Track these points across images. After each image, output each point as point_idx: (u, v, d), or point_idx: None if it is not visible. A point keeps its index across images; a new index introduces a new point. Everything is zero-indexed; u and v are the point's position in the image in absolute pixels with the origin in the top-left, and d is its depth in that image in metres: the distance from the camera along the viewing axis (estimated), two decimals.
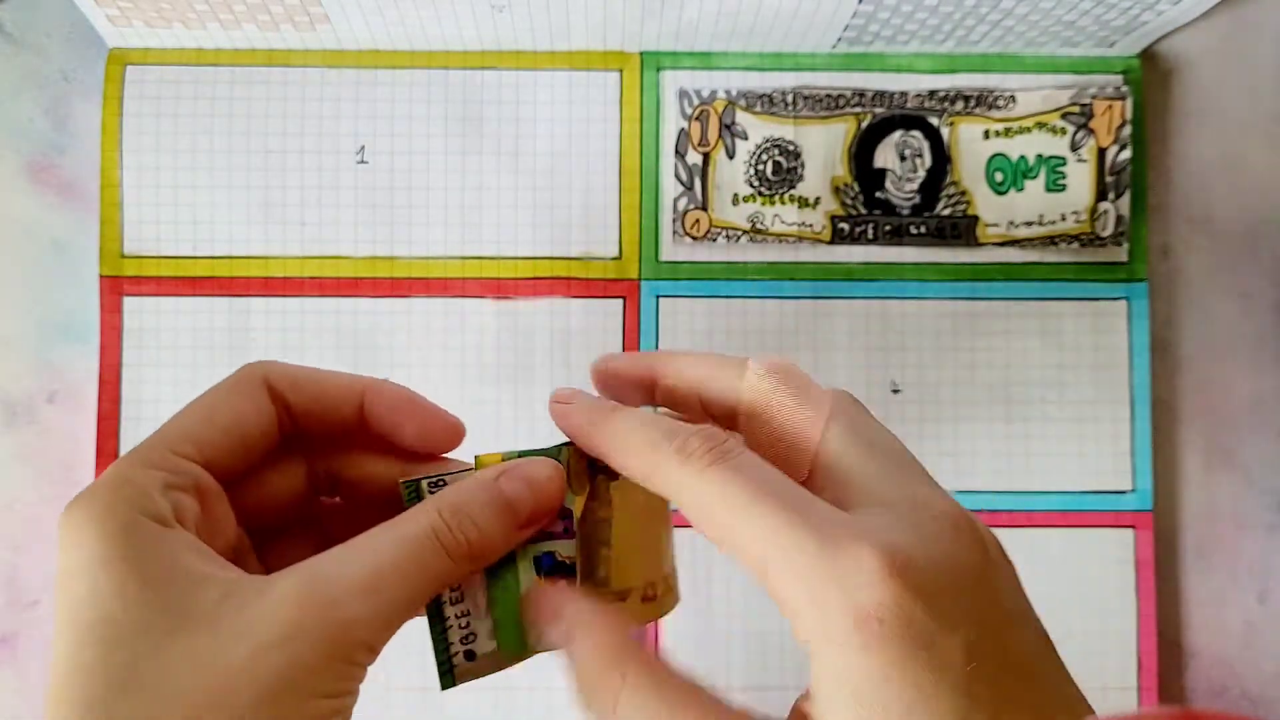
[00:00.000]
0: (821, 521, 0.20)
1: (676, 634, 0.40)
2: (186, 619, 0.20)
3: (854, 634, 0.19)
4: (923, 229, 0.42)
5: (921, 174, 0.42)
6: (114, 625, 0.20)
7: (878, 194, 0.42)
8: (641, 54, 0.42)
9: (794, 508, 0.20)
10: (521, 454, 0.25)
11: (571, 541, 0.25)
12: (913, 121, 0.42)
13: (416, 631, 0.42)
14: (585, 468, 0.25)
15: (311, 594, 0.21)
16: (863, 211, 0.42)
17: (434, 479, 0.24)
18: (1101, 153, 0.42)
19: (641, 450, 0.22)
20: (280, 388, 0.25)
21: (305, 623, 0.20)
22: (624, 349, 0.41)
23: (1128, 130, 0.42)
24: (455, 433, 0.26)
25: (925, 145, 0.42)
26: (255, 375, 0.25)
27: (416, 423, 0.26)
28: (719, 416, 0.25)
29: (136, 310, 0.40)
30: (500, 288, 0.41)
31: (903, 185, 0.42)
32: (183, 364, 0.40)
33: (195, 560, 0.21)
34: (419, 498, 0.24)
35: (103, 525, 0.21)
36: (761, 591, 0.19)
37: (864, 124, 0.42)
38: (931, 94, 0.42)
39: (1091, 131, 0.42)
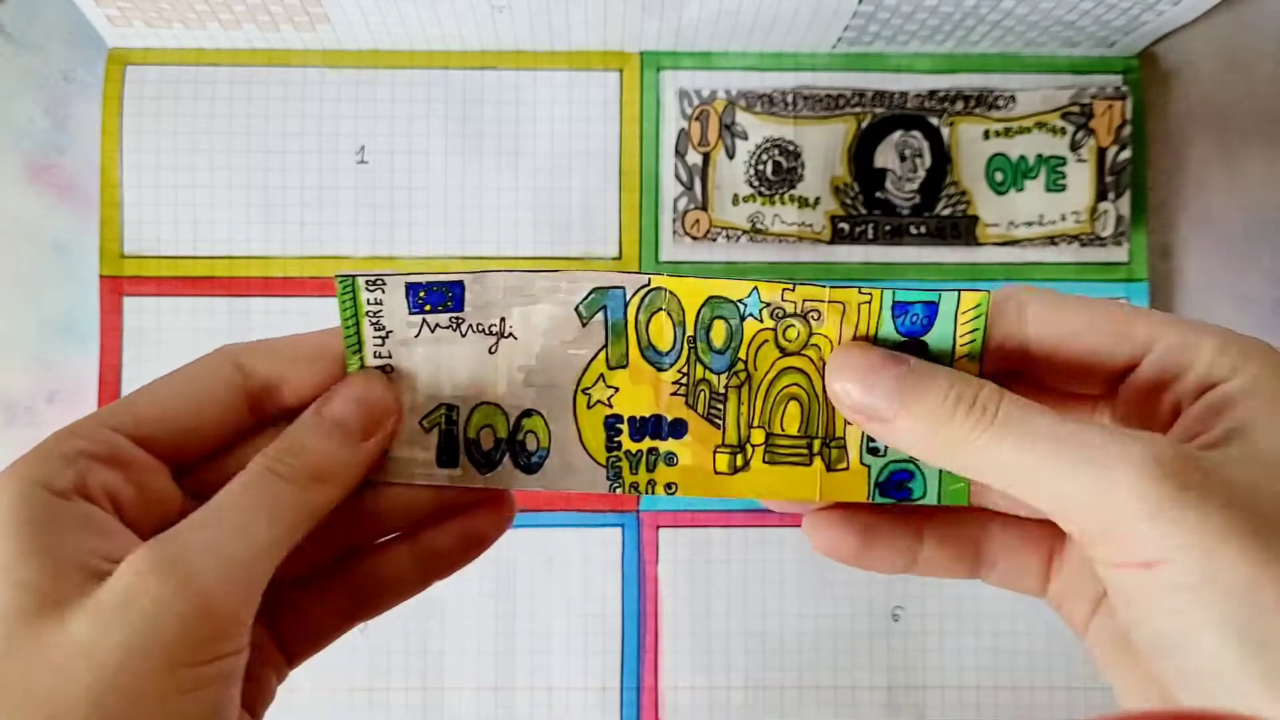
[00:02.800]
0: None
1: (677, 633, 0.40)
2: (45, 607, 0.20)
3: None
4: (923, 229, 0.42)
5: (921, 174, 0.42)
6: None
7: (878, 194, 0.42)
8: (641, 54, 0.42)
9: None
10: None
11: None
12: (913, 121, 0.42)
13: (417, 631, 0.42)
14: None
15: (155, 555, 0.20)
16: (863, 211, 0.42)
17: (371, 277, 0.24)
18: (1101, 153, 0.42)
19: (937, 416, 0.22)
20: (254, 366, 0.24)
21: (149, 588, 0.20)
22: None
23: (1128, 130, 0.42)
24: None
25: (925, 145, 0.42)
26: (224, 354, 0.24)
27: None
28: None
29: (136, 310, 0.40)
30: None
31: (903, 185, 0.42)
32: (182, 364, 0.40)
33: (75, 543, 0.20)
34: (353, 292, 0.24)
35: (4, 500, 0.21)
36: (761, 591, 0.19)
37: (864, 124, 0.42)
38: (931, 94, 0.42)
39: (1091, 131, 0.42)
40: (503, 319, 0.24)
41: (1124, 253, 0.42)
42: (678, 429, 0.25)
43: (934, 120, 0.42)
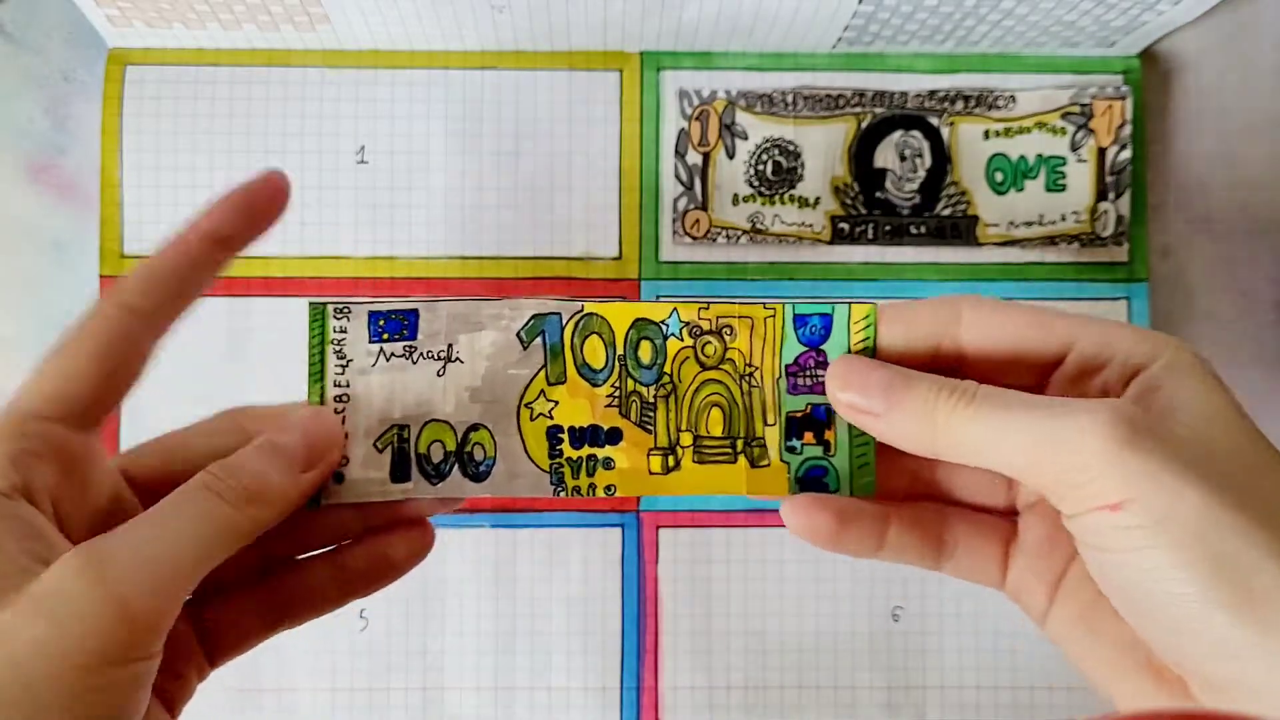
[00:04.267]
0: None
1: (677, 633, 0.40)
2: None
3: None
4: (923, 229, 0.42)
5: (921, 174, 0.42)
6: None
7: (878, 194, 0.42)
8: (641, 54, 0.42)
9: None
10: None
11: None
12: (913, 121, 0.42)
13: (417, 631, 0.42)
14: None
15: (85, 559, 0.21)
16: (863, 211, 0.42)
17: (340, 305, 0.26)
18: (1101, 153, 0.42)
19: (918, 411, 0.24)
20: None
21: (70, 587, 0.21)
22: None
23: (1128, 130, 0.42)
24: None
25: (925, 145, 0.42)
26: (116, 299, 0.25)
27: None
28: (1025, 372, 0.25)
29: None
30: (500, 288, 0.41)
31: (903, 185, 0.42)
32: (183, 364, 0.40)
33: (19, 539, 0.21)
34: (321, 320, 0.26)
35: None
36: (761, 591, 0.20)
37: (864, 124, 0.42)
38: (931, 94, 0.42)
39: (1091, 131, 0.42)
40: (450, 345, 0.27)
41: (1124, 253, 0.42)
42: (614, 436, 0.27)
43: (934, 120, 0.42)
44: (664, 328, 0.27)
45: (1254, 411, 0.24)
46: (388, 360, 0.27)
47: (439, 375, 0.27)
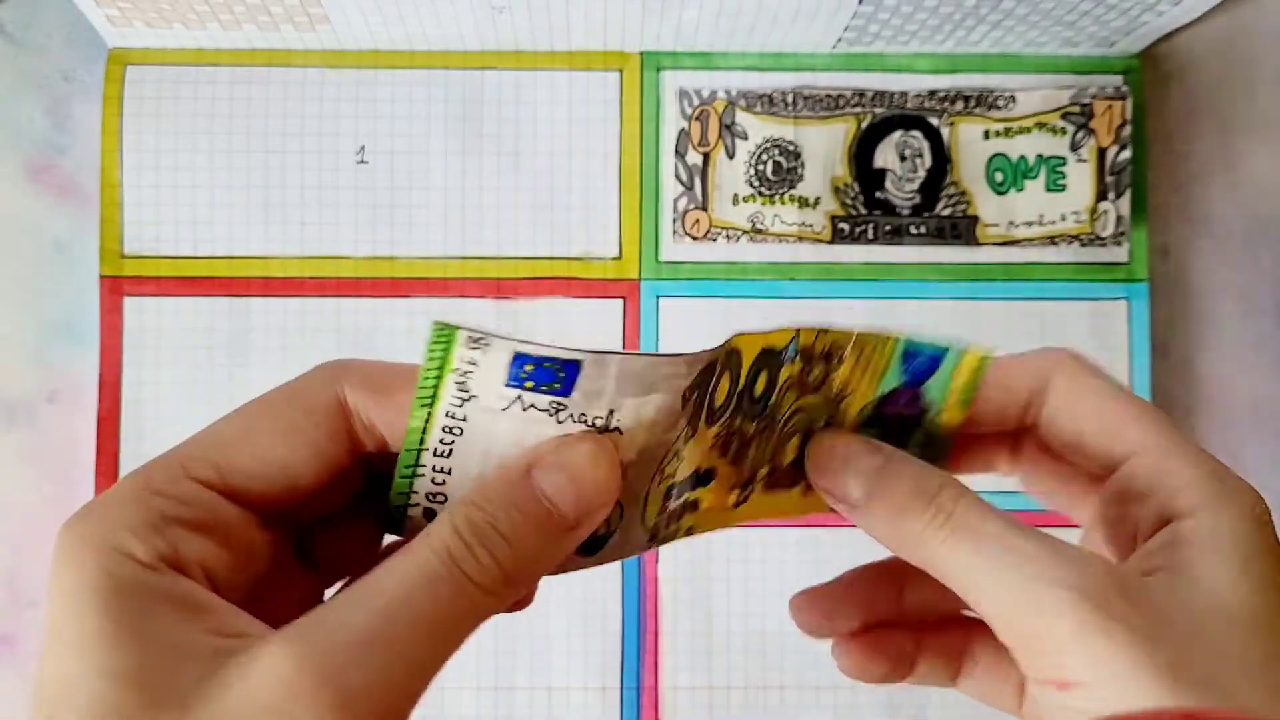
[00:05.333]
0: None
1: (676, 633, 0.40)
2: (159, 704, 0.17)
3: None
4: (923, 229, 0.42)
5: (921, 174, 0.42)
6: (83, 695, 0.17)
7: (878, 194, 0.42)
8: (641, 54, 0.42)
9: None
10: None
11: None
12: (913, 121, 0.42)
13: None
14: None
15: (302, 664, 0.17)
16: (863, 211, 0.42)
17: (477, 336, 0.19)
18: (1101, 153, 0.42)
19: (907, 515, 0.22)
20: (358, 402, 0.20)
21: (296, 705, 0.16)
22: (624, 349, 0.41)
23: (1128, 130, 0.42)
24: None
25: (925, 145, 0.42)
26: (324, 379, 0.20)
27: None
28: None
29: (136, 310, 0.40)
30: (500, 288, 0.41)
31: (903, 185, 0.42)
32: (183, 364, 0.40)
33: (176, 624, 0.17)
34: (447, 344, 0.20)
35: (83, 565, 0.17)
36: (761, 591, 0.19)
37: (864, 124, 0.42)
38: (931, 94, 0.42)
39: (1091, 131, 0.42)
40: (611, 412, 0.20)
41: (1124, 253, 0.42)
42: (707, 477, 0.24)
43: (934, 120, 0.42)
44: (783, 356, 0.23)
45: (1254, 414, 0.23)
46: (524, 410, 0.20)
47: None
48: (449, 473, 0.21)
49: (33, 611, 0.40)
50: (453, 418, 0.20)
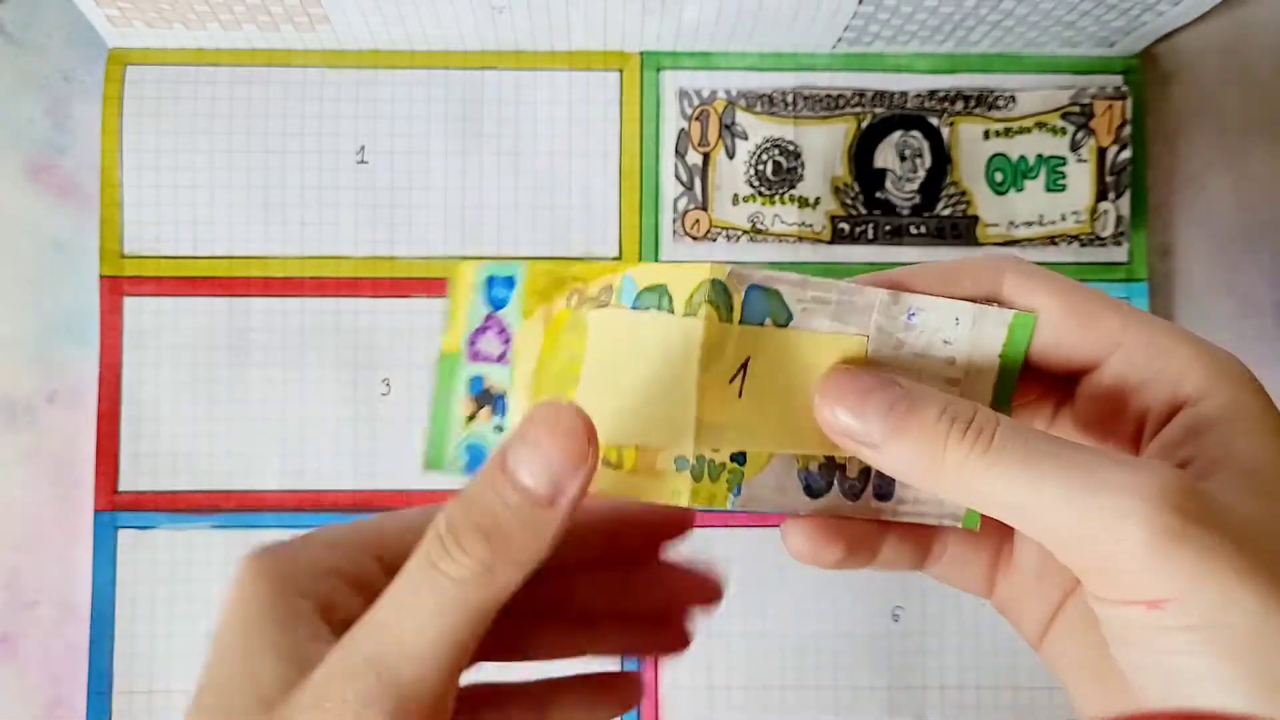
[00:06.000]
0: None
1: None
2: (276, 696, 0.19)
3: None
4: (923, 229, 0.42)
5: (921, 174, 0.42)
6: (227, 695, 0.20)
7: (878, 194, 0.42)
8: (641, 54, 0.42)
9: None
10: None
11: (505, 369, 0.23)
12: (913, 121, 0.42)
13: None
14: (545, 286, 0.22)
15: (347, 662, 0.19)
16: (863, 211, 0.42)
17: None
18: (1101, 153, 0.42)
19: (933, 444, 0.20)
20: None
21: (342, 692, 0.19)
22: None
23: (1128, 130, 0.42)
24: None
25: (925, 145, 0.42)
26: None
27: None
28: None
29: (136, 310, 0.40)
30: None
31: (903, 185, 0.42)
32: (183, 364, 0.40)
33: (311, 647, 0.20)
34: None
35: (256, 587, 0.21)
36: (761, 591, 0.19)
37: (864, 124, 0.42)
38: (931, 94, 0.42)
39: (1091, 131, 0.42)
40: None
41: (1124, 253, 0.42)
42: None
43: (934, 120, 0.42)
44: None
45: None
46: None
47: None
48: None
49: (33, 611, 0.40)
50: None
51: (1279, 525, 0.19)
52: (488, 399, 0.23)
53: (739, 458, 0.22)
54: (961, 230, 0.42)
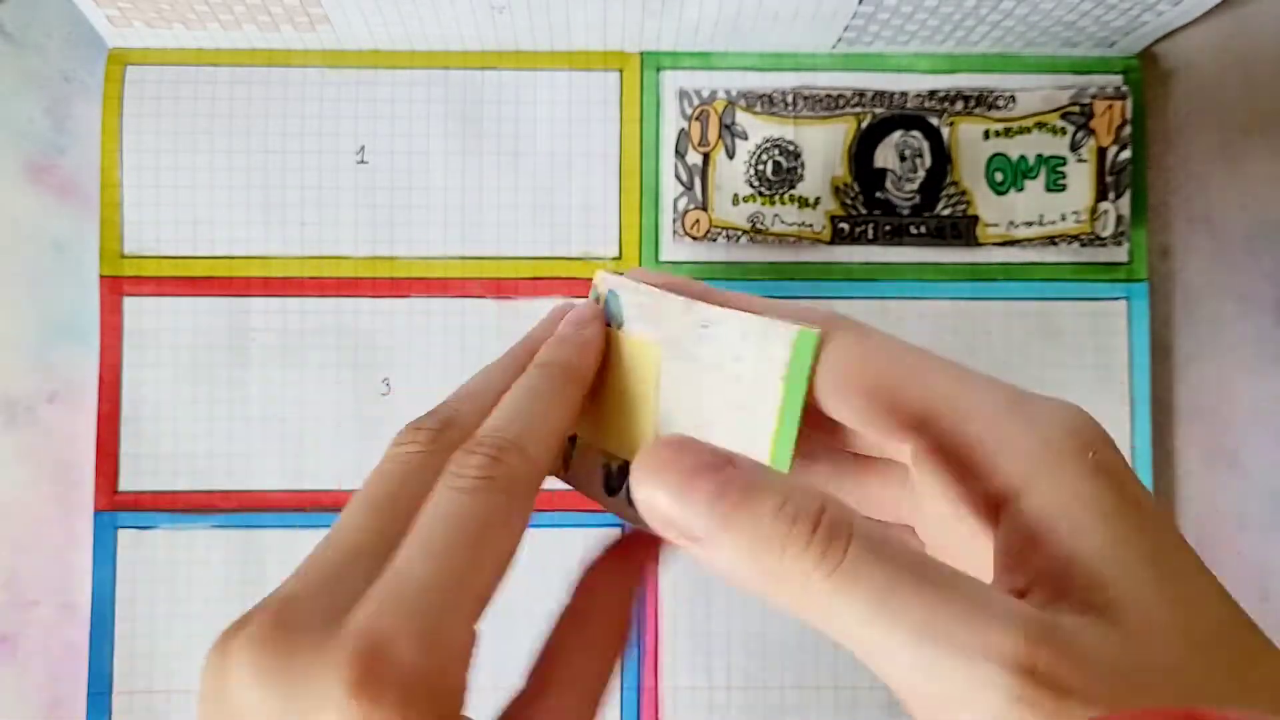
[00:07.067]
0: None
1: (676, 633, 0.40)
2: None
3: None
4: (923, 229, 0.42)
5: (921, 174, 0.42)
6: None
7: (878, 194, 0.42)
8: (641, 54, 0.42)
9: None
10: None
11: None
12: (913, 121, 0.42)
13: None
14: None
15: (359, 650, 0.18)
16: (863, 211, 0.42)
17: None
18: (1101, 153, 0.42)
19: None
20: None
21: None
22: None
23: (1128, 130, 0.42)
24: None
25: (925, 145, 0.42)
26: None
27: None
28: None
29: (136, 310, 0.40)
30: (500, 288, 0.41)
31: (903, 185, 0.42)
32: (183, 364, 0.40)
33: None
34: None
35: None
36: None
37: (864, 124, 0.42)
38: (931, 94, 0.42)
39: (1091, 131, 0.42)
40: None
41: (1124, 253, 0.42)
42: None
43: (934, 120, 0.42)
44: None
45: (1254, 414, 0.22)
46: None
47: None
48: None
49: (33, 611, 0.40)
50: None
51: (1143, 667, 0.16)
52: None
53: (573, 439, 0.26)
54: (961, 230, 0.42)
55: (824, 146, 0.41)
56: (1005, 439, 0.17)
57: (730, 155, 0.41)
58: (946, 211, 0.42)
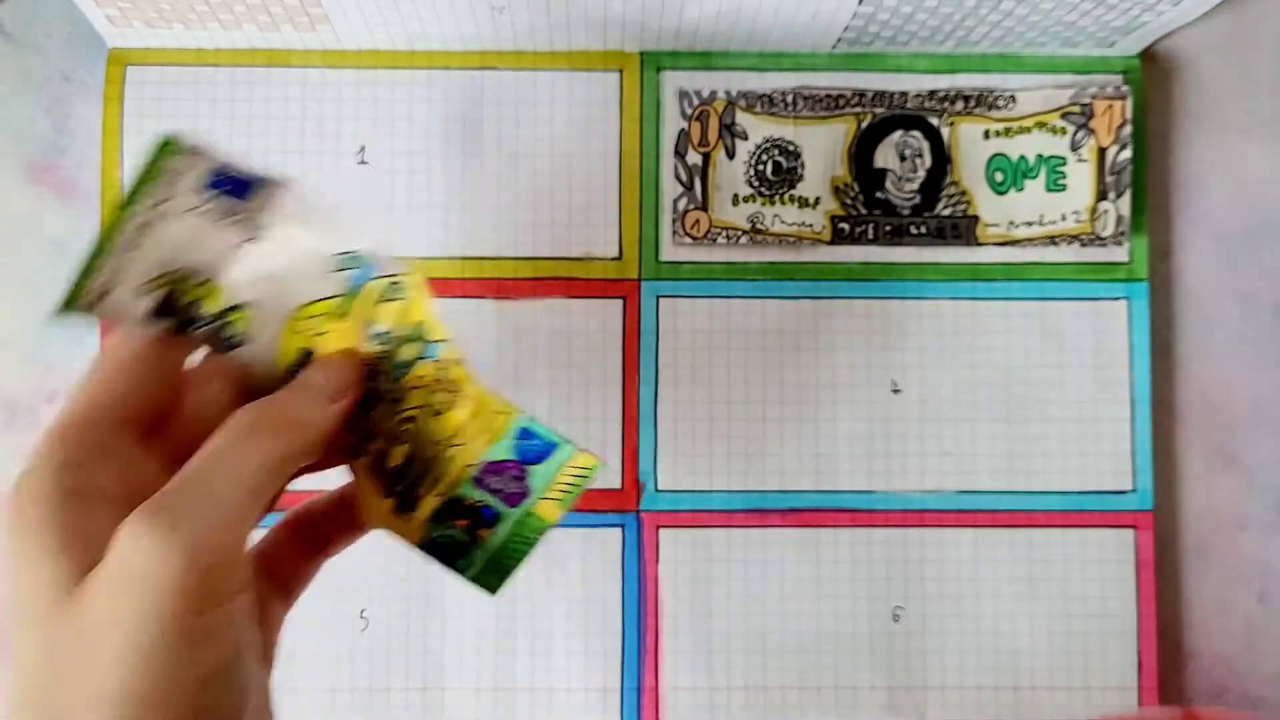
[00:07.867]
0: None
1: (677, 633, 0.40)
2: (65, 585, 0.21)
3: None
4: (923, 229, 0.42)
5: (921, 174, 0.42)
6: (35, 602, 0.22)
7: (878, 194, 0.42)
8: (641, 54, 0.42)
9: None
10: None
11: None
12: (913, 121, 0.42)
13: (418, 631, 0.41)
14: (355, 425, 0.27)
15: (146, 521, 0.21)
16: (863, 211, 0.42)
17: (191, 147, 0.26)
18: (1102, 153, 0.42)
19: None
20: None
21: (141, 549, 0.21)
22: (624, 349, 0.41)
23: (1128, 130, 0.42)
24: None
25: (925, 145, 0.42)
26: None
27: None
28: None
29: None
30: (500, 288, 0.41)
31: (903, 185, 0.42)
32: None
33: (82, 529, 0.22)
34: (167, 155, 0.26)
35: (29, 493, 0.23)
36: (761, 591, 0.18)
37: (864, 124, 0.42)
38: (931, 94, 0.42)
39: (1092, 131, 0.42)
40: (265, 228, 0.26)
41: (1124, 253, 0.42)
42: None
43: (934, 120, 0.42)
44: (430, 347, 0.27)
45: (1254, 414, 0.23)
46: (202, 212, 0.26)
47: (237, 247, 0.26)
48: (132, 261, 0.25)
49: None
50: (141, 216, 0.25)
51: None
52: (474, 517, 0.27)
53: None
54: (961, 230, 0.42)
55: (824, 146, 0.41)
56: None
57: (730, 155, 0.41)
58: (946, 211, 0.42)
